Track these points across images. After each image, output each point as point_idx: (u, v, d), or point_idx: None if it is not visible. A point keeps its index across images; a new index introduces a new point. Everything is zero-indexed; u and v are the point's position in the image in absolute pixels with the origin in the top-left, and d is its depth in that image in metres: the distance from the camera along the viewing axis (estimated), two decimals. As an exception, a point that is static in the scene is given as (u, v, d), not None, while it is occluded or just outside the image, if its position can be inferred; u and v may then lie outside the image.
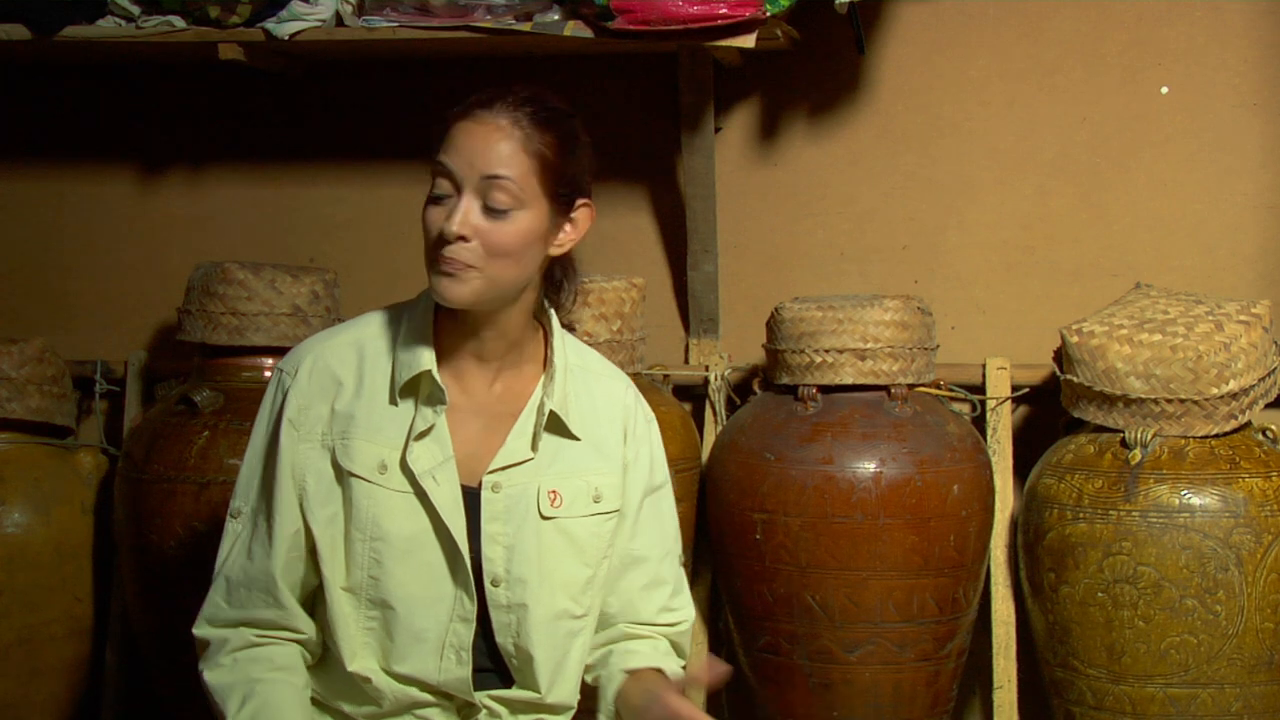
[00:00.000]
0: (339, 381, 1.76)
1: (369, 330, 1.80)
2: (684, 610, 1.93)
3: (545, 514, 1.78)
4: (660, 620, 1.90)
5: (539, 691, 1.79)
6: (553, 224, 1.74)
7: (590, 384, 1.85)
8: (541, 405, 1.79)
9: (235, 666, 1.73)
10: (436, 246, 1.68)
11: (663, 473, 1.92)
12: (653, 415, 1.93)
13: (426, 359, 1.74)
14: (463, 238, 1.66)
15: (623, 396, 1.88)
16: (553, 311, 1.84)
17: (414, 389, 1.76)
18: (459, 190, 1.68)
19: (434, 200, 1.69)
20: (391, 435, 1.74)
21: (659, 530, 1.90)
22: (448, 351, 1.77)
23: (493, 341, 1.77)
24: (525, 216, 1.69)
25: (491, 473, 1.76)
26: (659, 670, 1.83)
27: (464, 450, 1.76)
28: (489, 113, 1.69)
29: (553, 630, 1.78)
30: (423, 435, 1.74)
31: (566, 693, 1.83)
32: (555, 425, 1.80)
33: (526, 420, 1.79)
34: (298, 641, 1.77)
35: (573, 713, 1.86)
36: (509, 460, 1.77)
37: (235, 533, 1.78)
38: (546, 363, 1.82)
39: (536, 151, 1.69)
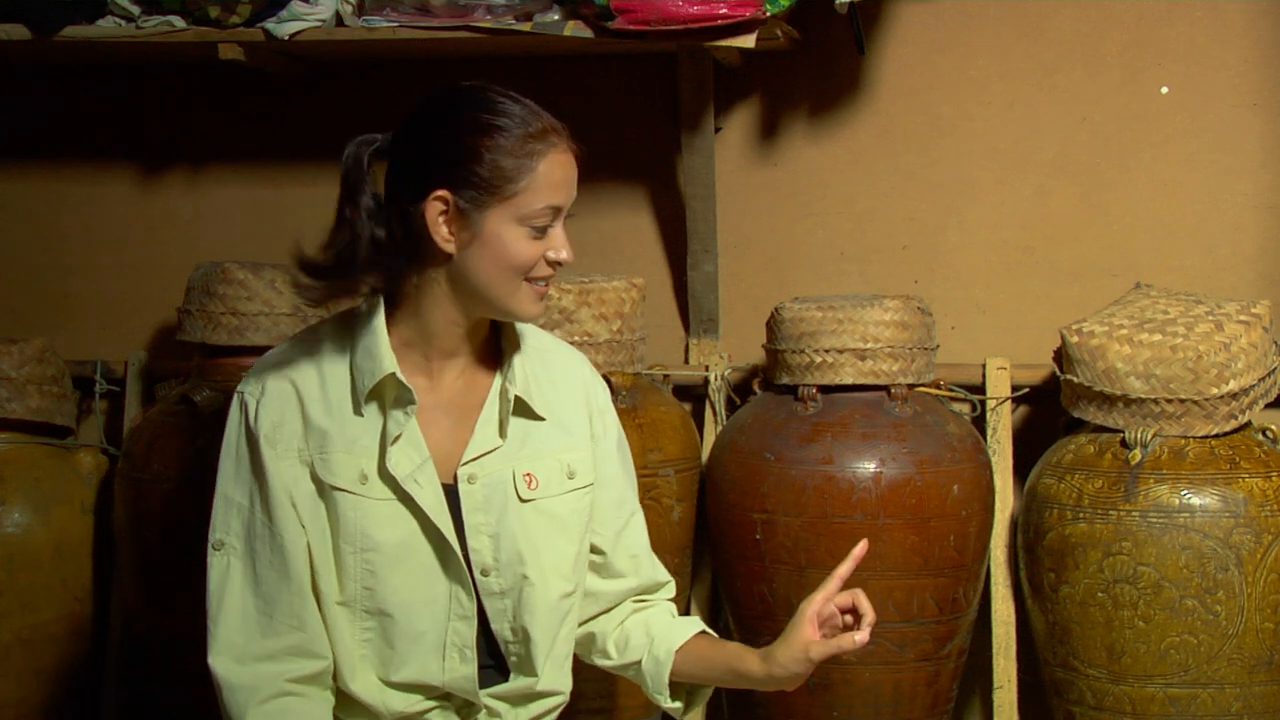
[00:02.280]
0: (304, 396, 1.75)
1: (321, 344, 1.79)
2: (666, 572, 2.00)
3: (524, 497, 1.79)
4: (661, 577, 1.97)
5: (535, 675, 1.80)
6: None
7: (547, 363, 1.87)
8: (505, 391, 1.80)
9: None
10: (540, 274, 1.73)
11: (625, 440, 1.96)
12: (605, 384, 1.96)
13: (388, 363, 1.74)
14: None
15: (578, 372, 1.91)
16: None
17: (378, 394, 1.75)
18: (555, 216, 1.73)
19: (536, 236, 1.71)
20: (366, 444, 1.74)
21: (634, 490, 1.96)
22: (408, 352, 1.77)
23: (469, 338, 1.79)
24: None
25: (465, 464, 1.77)
26: (703, 632, 1.89)
27: (437, 448, 1.77)
28: (562, 139, 1.73)
29: (550, 610, 1.79)
30: (397, 440, 1.74)
31: (559, 677, 1.84)
32: (520, 408, 1.81)
33: (491, 408, 1.80)
34: (320, 669, 1.74)
35: (565, 700, 1.86)
36: (480, 450, 1.78)
37: (226, 564, 1.74)
38: (503, 348, 1.83)
39: None
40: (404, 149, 1.74)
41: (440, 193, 1.69)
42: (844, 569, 1.79)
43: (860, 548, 1.81)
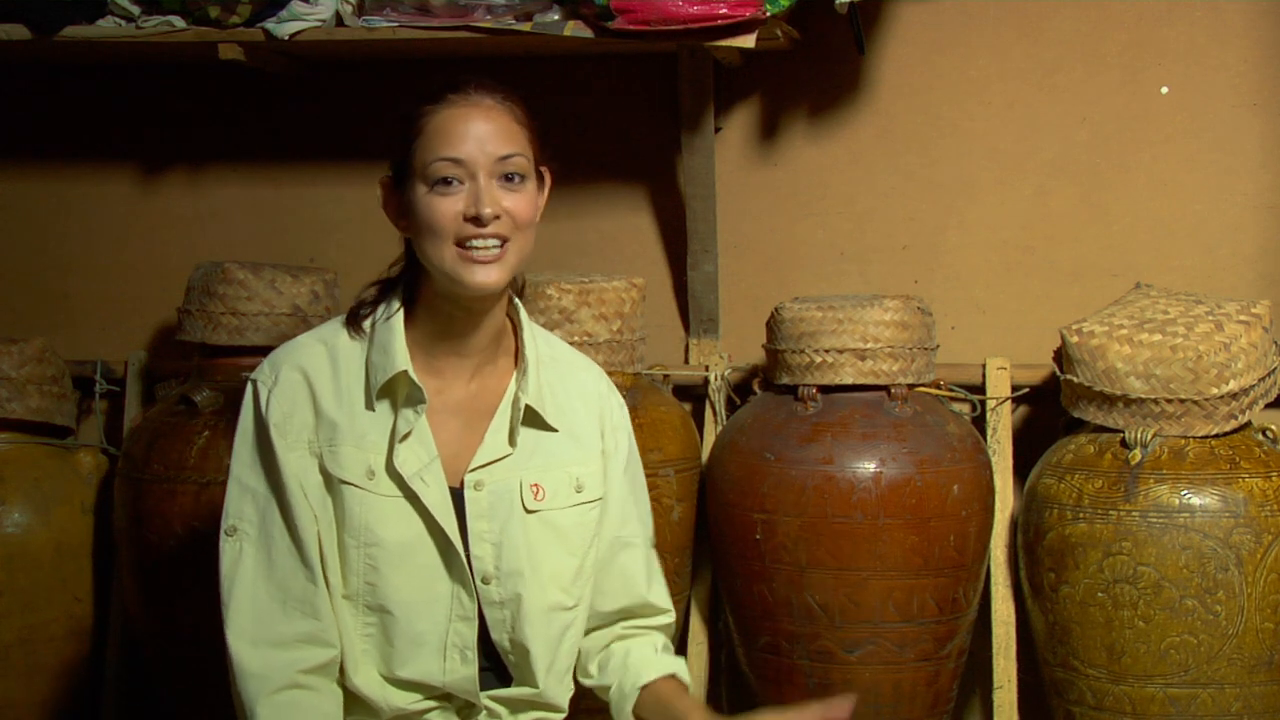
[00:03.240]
0: (317, 388, 1.75)
1: (338, 337, 1.79)
2: (669, 601, 1.96)
3: (529, 508, 1.78)
4: (658, 602, 1.93)
5: (537, 686, 1.79)
6: (538, 190, 1.78)
7: (563, 374, 1.86)
8: (517, 400, 1.80)
9: (278, 715, 1.70)
10: (463, 234, 1.69)
11: (638, 461, 1.95)
12: (623, 401, 1.94)
13: (401, 360, 1.74)
14: (497, 216, 1.68)
15: (595, 386, 1.90)
16: (519, 303, 1.85)
17: (390, 391, 1.75)
18: (472, 176, 1.69)
19: (440, 192, 1.69)
20: (375, 440, 1.74)
21: (642, 516, 1.93)
22: (421, 351, 1.77)
23: (477, 336, 1.78)
24: (531, 184, 1.74)
25: (473, 470, 1.77)
26: (672, 676, 1.86)
27: (446, 450, 1.76)
28: (467, 96, 1.71)
29: (548, 623, 1.79)
30: (406, 437, 1.74)
31: (560, 690, 1.83)
32: (532, 418, 1.81)
33: (503, 415, 1.80)
34: (330, 658, 1.73)
35: (565, 715, 1.86)
36: (489, 457, 1.78)
37: (239, 550, 1.74)
38: (519, 356, 1.83)
39: (522, 121, 1.74)
40: None
41: (383, 177, 1.77)
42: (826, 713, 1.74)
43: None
